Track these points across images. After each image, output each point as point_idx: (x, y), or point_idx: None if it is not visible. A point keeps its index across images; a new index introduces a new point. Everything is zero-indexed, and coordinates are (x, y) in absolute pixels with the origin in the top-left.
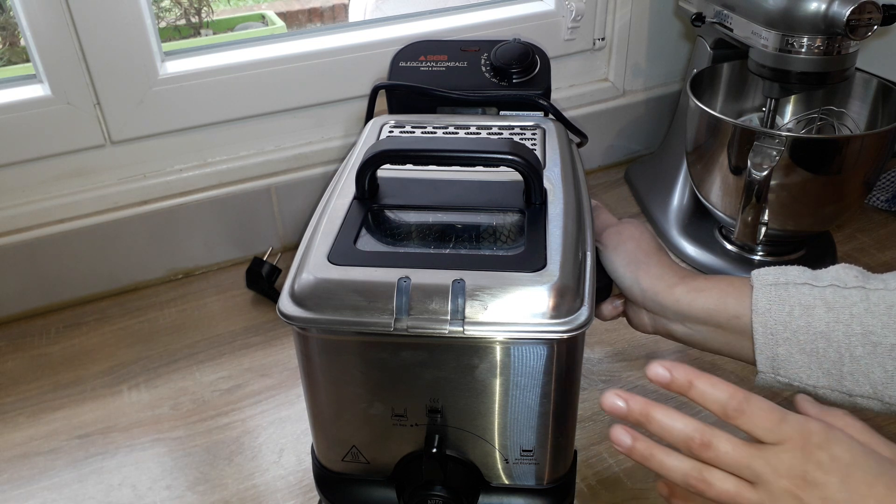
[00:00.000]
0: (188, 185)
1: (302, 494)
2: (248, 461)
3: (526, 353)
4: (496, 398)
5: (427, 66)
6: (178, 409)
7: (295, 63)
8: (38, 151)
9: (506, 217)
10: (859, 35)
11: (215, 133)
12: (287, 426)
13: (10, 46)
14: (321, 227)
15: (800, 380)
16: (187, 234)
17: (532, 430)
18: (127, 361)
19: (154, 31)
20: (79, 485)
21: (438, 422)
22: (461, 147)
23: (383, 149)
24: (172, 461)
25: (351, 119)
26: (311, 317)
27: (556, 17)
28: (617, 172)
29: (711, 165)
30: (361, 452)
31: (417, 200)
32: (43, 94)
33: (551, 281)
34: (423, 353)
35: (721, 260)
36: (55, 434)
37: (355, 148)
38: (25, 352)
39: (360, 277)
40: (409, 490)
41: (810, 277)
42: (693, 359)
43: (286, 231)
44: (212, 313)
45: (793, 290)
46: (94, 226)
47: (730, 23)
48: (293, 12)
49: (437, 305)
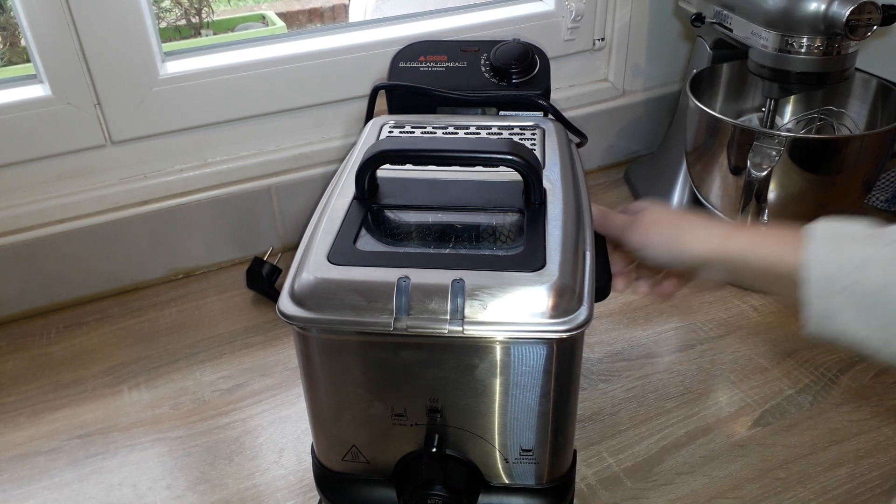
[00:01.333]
0: (188, 185)
1: (302, 494)
2: (249, 461)
3: (525, 353)
4: (496, 398)
5: (427, 66)
6: (178, 408)
7: (295, 63)
8: (39, 151)
9: (505, 217)
10: (859, 35)
11: (216, 133)
12: (287, 426)
13: (11, 47)
14: (321, 227)
15: (855, 331)
16: (188, 234)
17: (532, 430)
18: (127, 361)
19: (154, 32)
20: (79, 484)
21: (438, 421)
22: (461, 147)
23: (383, 149)
24: (173, 461)
25: (351, 119)
26: (311, 316)
27: (556, 17)
28: (616, 172)
29: (711, 165)
30: (361, 452)
31: (417, 200)
32: (43, 94)
33: (550, 280)
34: (422, 352)
35: None
36: (56, 434)
37: (355, 148)
38: (26, 351)
39: (360, 277)
40: (409, 489)
41: (871, 234)
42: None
43: (286, 231)
44: (212, 313)
45: (851, 245)
46: (94, 226)
47: (729, 23)
48: (293, 13)
49: (436, 305)
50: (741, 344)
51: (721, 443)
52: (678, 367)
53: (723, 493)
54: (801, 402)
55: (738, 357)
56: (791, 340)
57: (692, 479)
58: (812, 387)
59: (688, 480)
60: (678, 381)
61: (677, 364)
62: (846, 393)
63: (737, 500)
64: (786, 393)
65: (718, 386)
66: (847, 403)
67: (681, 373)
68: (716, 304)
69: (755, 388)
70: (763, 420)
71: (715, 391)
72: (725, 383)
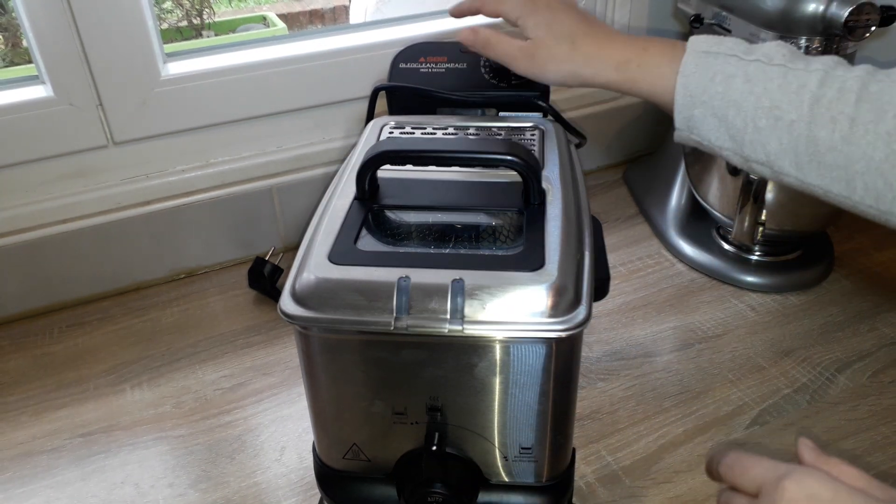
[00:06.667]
0: (190, 185)
1: (303, 492)
2: (250, 459)
3: (525, 352)
4: (495, 396)
5: (427, 67)
6: (180, 407)
7: (296, 64)
8: (41, 152)
9: (505, 217)
10: (857, 36)
11: (217, 134)
12: (288, 424)
13: (13, 48)
14: (322, 228)
15: (709, 140)
16: (189, 235)
17: (531, 428)
18: (129, 360)
19: (156, 33)
20: (81, 483)
21: (438, 420)
22: (460, 148)
23: (383, 149)
24: (175, 459)
25: (351, 120)
26: (312, 316)
27: None
28: (615, 173)
29: (709, 166)
30: (362, 450)
31: (417, 201)
32: (45, 95)
33: (550, 280)
34: (422, 351)
35: (719, 260)
36: (58, 432)
37: (356, 149)
38: (28, 351)
39: (361, 277)
40: (409, 487)
41: (742, 51)
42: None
43: (288, 231)
44: (214, 313)
45: (721, 60)
46: (96, 226)
47: (728, 24)
48: (294, 14)
49: (436, 304)
50: (739, 343)
51: (719, 441)
52: (676, 366)
53: None
54: (799, 401)
55: (736, 356)
56: (789, 340)
57: (690, 477)
58: (809, 386)
59: (686, 478)
60: (676, 379)
61: (675, 363)
62: (843, 392)
63: None
64: (783, 392)
65: (716, 385)
66: (844, 402)
67: (679, 372)
68: (714, 304)
69: (753, 387)
70: (761, 419)
71: (713, 390)
72: (723, 382)
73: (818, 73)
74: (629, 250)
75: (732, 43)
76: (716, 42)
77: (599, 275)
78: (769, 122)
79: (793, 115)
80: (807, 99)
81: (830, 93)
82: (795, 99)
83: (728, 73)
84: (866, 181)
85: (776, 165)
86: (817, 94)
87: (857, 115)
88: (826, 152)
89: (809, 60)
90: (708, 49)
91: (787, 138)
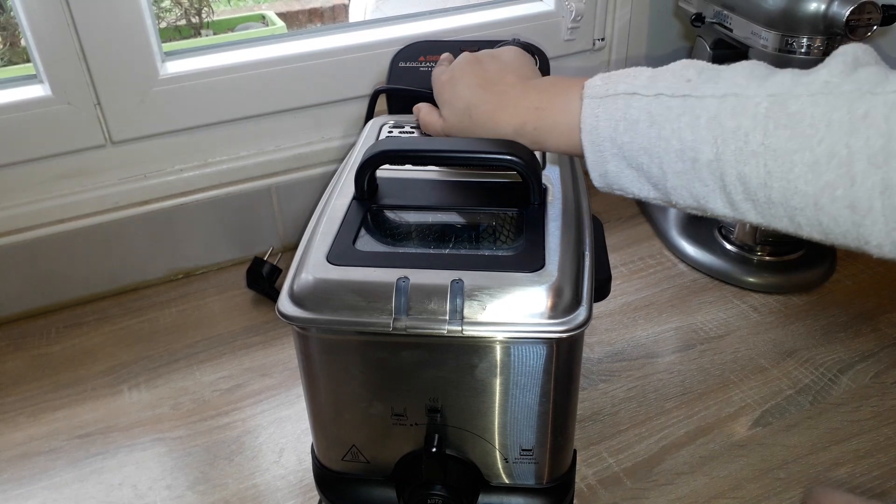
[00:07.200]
0: (189, 185)
1: (302, 494)
2: (249, 461)
3: (525, 353)
4: (496, 398)
5: (427, 66)
6: (178, 408)
7: (295, 63)
8: (39, 151)
9: (504, 217)
10: (859, 35)
11: (216, 133)
12: (287, 426)
13: (11, 47)
14: (320, 228)
15: (632, 192)
16: (188, 234)
17: (531, 430)
18: (127, 361)
19: (154, 32)
20: (79, 484)
21: (438, 421)
22: (460, 147)
23: (382, 149)
24: (173, 461)
25: (351, 119)
26: (311, 317)
27: (556, 17)
28: None
29: None
30: (361, 452)
31: (416, 201)
32: (43, 94)
33: (550, 281)
34: (422, 352)
35: (721, 260)
36: (56, 434)
37: (355, 148)
38: (26, 351)
39: (359, 277)
40: (408, 489)
41: (642, 85)
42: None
43: (286, 231)
44: (212, 313)
45: (621, 102)
46: (94, 226)
47: (729, 23)
48: (293, 13)
49: (435, 305)
50: (741, 344)
51: (721, 443)
52: (678, 366)
53: (723, 493)
54: (801, 402)
55: (738, 357)
56: (791, 340)
57: (692, 478)
58: (812, 387)
59: (688, 480)
60: (678, 381)
61: (677, 364)
62: (846, 393)
63: (737, 500)
64: (786, 393)
65: (718, 386)
66: (847, 403)
67: (681, 373)
68: (716, 304)
69: (755, 388)
70: (763, 420)
71: (715, 391)
72: (725, 383)
73: (729, 100)
74: (630, 250)
75: (632, 76)
76: (612, 81)
77: (600, 275)
78: (686, 166)
79: (709, 153)
80: (720, 134)
81: (746, 122)
82: (707, 136)
83: (631, 118)
84: (808, 217)
85: (709, 208)
86: (730, 126)
87: (778, 144)
88: (757, 189)
89: (719, 80)
90: (605, 93)
91: (710, 179)
